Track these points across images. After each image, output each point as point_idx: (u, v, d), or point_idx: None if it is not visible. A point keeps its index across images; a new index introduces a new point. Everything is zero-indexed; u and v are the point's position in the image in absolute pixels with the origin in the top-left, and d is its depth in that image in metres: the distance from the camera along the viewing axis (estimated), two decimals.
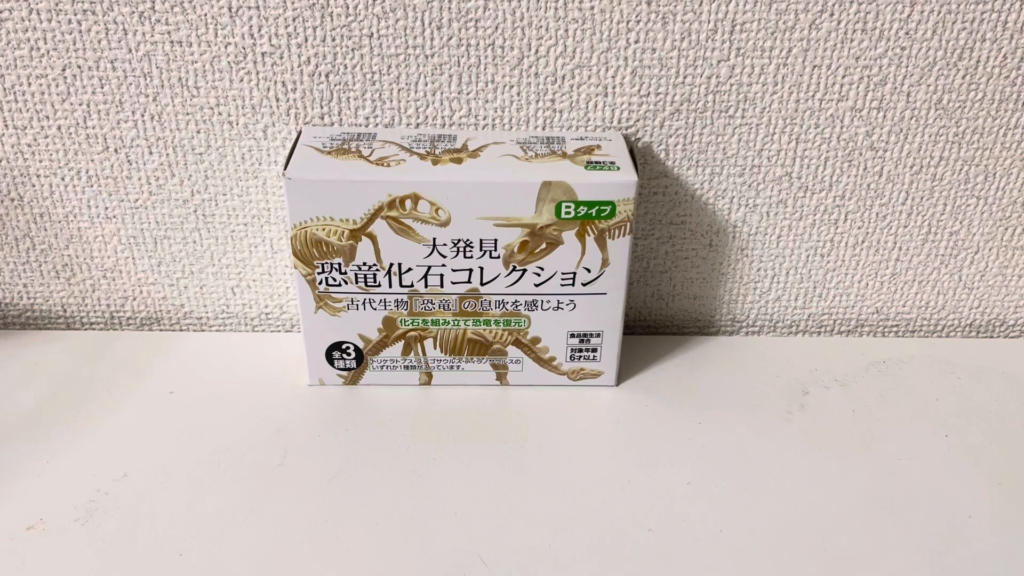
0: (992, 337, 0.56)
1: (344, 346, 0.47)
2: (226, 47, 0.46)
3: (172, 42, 0.45)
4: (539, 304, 0.46)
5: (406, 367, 0.48)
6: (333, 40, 0.46)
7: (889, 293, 0.54)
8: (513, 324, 0.46)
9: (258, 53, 0.46)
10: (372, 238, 0.43)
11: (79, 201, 0.50)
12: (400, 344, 0.47)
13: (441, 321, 0.46)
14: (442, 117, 0.48)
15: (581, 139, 0.46)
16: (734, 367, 0.51)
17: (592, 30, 0.46)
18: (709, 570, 0.38)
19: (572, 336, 0.47)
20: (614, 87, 0.47)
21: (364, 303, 0.45)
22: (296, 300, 0.52)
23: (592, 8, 0.45)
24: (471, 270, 0.44)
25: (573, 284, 0.45)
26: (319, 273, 0.44)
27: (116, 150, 0.48)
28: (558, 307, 0.46)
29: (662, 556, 0.38)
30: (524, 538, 0.39)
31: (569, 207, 0.43)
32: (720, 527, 0.40)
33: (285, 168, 0.42)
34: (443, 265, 0.44)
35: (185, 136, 0.48)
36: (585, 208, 0.43)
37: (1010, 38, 0.46)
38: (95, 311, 0.54)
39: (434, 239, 0.43)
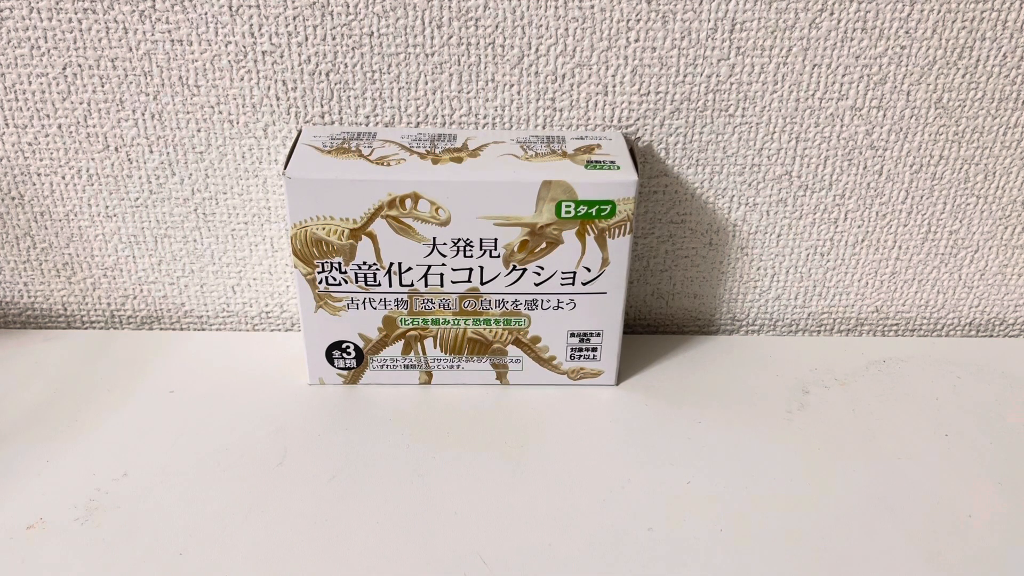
0: (992, 336, 0.56)
1: (344, 345, 0.47)
2: (226, 46, 0.46)
3: (172, 41, 0.45)
4: (539, 303, 0.46)
5: (406, 366, 0.48)
6: (333, 39, 0.46)
7: (889, 292, 0.54)
8: (513, 323, 0.46)
9: (258, 52, 0.46)
10: (372, 237, 0.43)
11: (79, 200, 0.50)
12: (400, 343, 0.47)
13: (441, 320, 0.46)
14: (442, 116, 0.48)
15: (581, 138, 0.46)
16: (734, 366, 0.51)
17: (592, 29, 0.46)
18: (709, 570, 0.38)
19: (572, 335, 0.47)
20: (614, 86, 0.47)
21: (364, 302, 0.45)
22: (296, 299, 0.52)
23: (592, 7, 0.45)
24: (471, 269, 0.44)
25: (573, 283, 0.45)
26: (319, 272, 0.44)
27: (117, 149, 0.48)
28: (558, 306, 0.46)
29: (662, 556, 0.38)
30: (524, 538, 0.39)
31: (569, 206, 0.43)
32: (720, 527, 0.40)
33: (285, 167, 0.42)
34: (443, 264, 0.44)
35: (185, 135, 0.48)
36: (585, 207, 0.43)
37: (1010, 37, 0.46)
38: (95, 310, 0.54)
39: (434, 238, 0.43)
